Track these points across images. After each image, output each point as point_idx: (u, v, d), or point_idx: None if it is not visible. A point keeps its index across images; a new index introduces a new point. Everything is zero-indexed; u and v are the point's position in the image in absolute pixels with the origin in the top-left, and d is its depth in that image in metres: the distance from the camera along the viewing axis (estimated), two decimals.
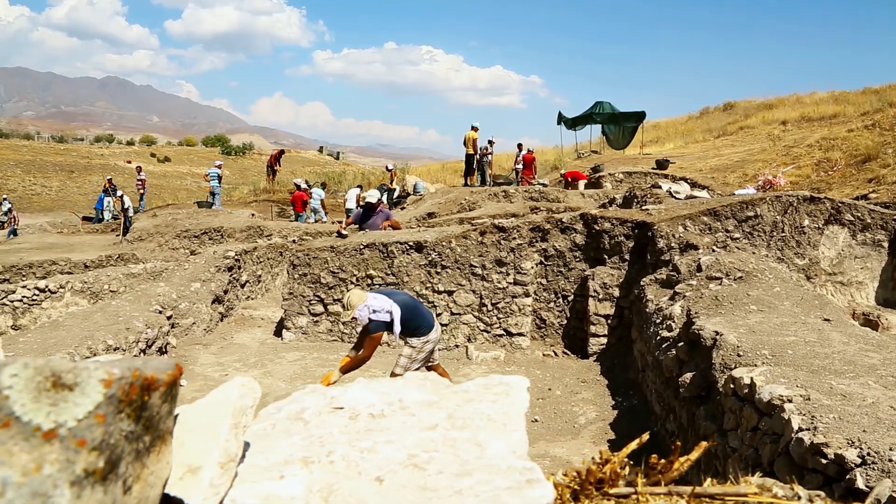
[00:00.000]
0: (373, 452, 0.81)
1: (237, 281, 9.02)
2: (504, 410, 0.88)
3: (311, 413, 0.98)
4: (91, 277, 9.49)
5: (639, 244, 7.39)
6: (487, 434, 0.83)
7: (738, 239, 7.10)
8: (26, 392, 0.62)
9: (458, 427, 0.85)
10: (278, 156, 23.64)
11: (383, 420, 0.90)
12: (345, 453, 0.82)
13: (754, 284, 5.72)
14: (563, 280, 7.66)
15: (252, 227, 15.44)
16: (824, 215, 7.35)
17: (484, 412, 0.87)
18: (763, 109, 27.31)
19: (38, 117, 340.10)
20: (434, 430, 0.85)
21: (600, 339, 7.34)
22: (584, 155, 25.10)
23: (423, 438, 0.83)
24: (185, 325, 7.45)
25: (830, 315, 4.95)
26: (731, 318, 4.85)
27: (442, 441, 0.82)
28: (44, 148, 51.77)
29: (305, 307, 7.66)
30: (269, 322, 8.47)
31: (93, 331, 5.90)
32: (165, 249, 15.41)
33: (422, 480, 0.74)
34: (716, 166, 18.36)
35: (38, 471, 0.60)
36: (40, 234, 20.27)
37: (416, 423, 0.87)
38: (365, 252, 7.54)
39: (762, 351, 4.03)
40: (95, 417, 0.64)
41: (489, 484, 0.72)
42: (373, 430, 0.87)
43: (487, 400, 0.90)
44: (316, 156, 63.94)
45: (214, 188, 19.23)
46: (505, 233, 7.50)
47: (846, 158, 15.20)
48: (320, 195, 17.39)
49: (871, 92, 24.58)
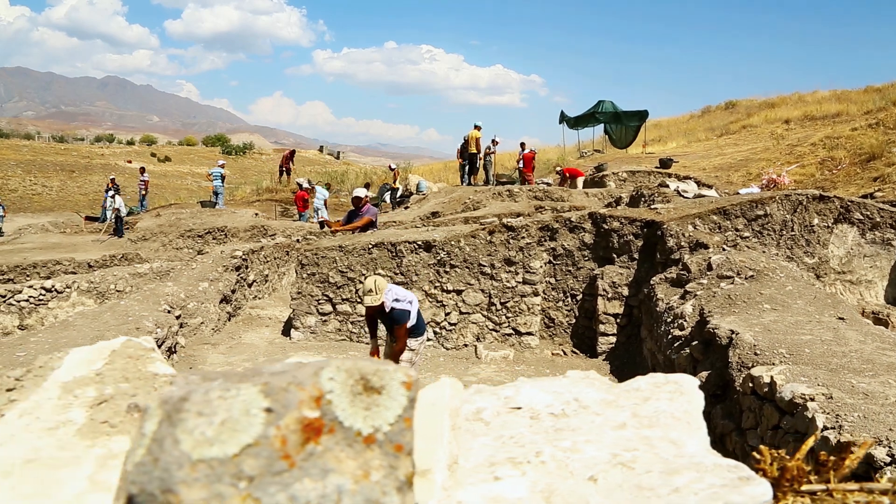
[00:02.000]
0: (576, 452, 0.80)
1: (244, 280, 9.01)
2: (683, 409, 0.87)
3: (489, 413, 0.97)
4: (97, 277, 9.47)
5: (648, 243, 7.38)
6: (678, 432, 0.82)
7: (747, 238, 7.09)
8: (344, 396, 0.62)
9: (646, 426, 0.84)
10: (290, 156, 23.63)
11: (567, 419, 0.89)
12: (552, 453, 0.81)
13: (766, 283, 5.71)
14: (571, 279, 7.65)
15: (256, 227, 15.43)
16: (833, 214, 7.33)
17: (665, 410, 0.87)
18: (765, 108, 27.29)
19: (38, 117, 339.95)
20: (624, 428, 0.84)
21: (609, 339, 7.33)
22: (587, 154, 25.07)
23: (619, 437, 0.82)
24: (194, 325, 7.43)
25: (844, 314, 4.93)
26: (746, 317, 4.84)
27: (638, 440, 0.81)
28: (44, 148, 51.72)
29: (314, 306, 7.65)
30: (276, 322, 8.46)
31: (103, 330, 5.88)
32: (169, 249, 15.40)
33: (635, 479, 0.73)
34: (719, 165, 18.34)
35: (366, 477, 0.59)
36: (43, 234, 20.24)
37: (605, 422, 0.86)
38: (373, 251, 7.53)
39: (779, 350, 4.02)
40: (405, 421, 0.64)
41: (702, 482, 0.71)
42: (563, 430, 0.86)
43: (664, 398, 0.90)
44: (316, 155, 63.91)
45: (217, 188, 19.28)
46: (514, 232, 7.49)
47: (850, 157, 15.18)
48: (324, 195, 17.38)
49: (873, 90, 24.57)
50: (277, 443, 0.57)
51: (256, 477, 0.55)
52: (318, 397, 0.60)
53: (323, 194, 17.39)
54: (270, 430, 0.57)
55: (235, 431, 0.56)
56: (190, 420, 0.56)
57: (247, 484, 0.55)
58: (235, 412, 0.57)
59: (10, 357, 5.05)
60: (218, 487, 0.54)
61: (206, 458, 0.55)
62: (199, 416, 0.56)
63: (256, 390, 0.58)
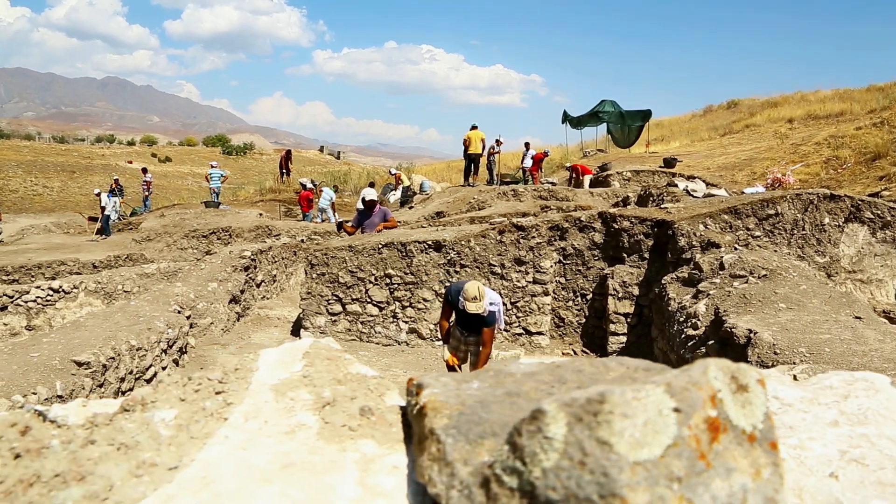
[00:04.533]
0: (805, 449, 0.81)
1: (253, 281, 8.99)
2: (885, 406, 0.87)
3: None
4: (105, 278, 9.46)
5: (658, 243, 7.36)
6: (891, 430, 0.82)
7: (758, 237, 7.08)
8: (728, 394, 0.62)
9: (857, 423, 0.84)
10: (287, 156, 23.68)
11: (778, 417, 0.89)
12: (785, 451, 0.82)
13: (780, 282, 5.70)
14: (581, 279, 7.64)
15: (260, 227, 15.41)
16: (844, 213, 7.32)
17: (870, 407, 0.86)
18: (768, 107, 27.29)
19: (38, 118, 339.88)
20: (838, 426, 0.84)
21: (620, 338, 7.32)
22: (591, 154, 25.06)
23: (839, 435, 0.83)
24: (203, 325, 7.42)
25: (861, 312, 4.92)
26: (762, 316, 4.83)
27: (857, 437, 0.81)
28: (45, 148, 51.72)
29: (324, 307, 7.64)
30: (285, 322, 8.44)
31: (115, 331, 5.87)
32: (174, 249, 15.38)
33: (873, 476, 0.74)
34: (723, 164, 18.34)
35: (759, 475, 0.60)
36: (46, 235, 20.23)
37: (816, 420, 0.86)
38: (383, 251, 7.51)
39: (799, 349, 4.01)
40: (769, 419, 0.65)
41: None
42: (780, 427, 0.86)
43: (861, 396, 0.90)
44: (317, 155, 63.95)
45: (216, 188, 19.50)
46: (524, 231, 7.48)
47: (856, 156, 15.17)
48: (331, 196, 17.30)
49: (875, 89, 24.57)
50: (693, 443, 0.57)
51: (684, 478, 0.56)
52: (713, 396, 0.61)
53: (329, 195, 17.35)
54: (684, 430, 0.57)
55: (656, 433, 0.56)
56: (616, 422, 0.56)
57: (678, 485, 0.55)
58: (651, 413, 0.57)
59: (24, 358, 5.04)
60: (657, 490, 0.54)
61: (640, 460, 0.55)
62: (624, 418, 0.56)
63: (661, 391, 0.59)
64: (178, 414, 0.88)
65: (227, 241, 15.05)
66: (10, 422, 0.86)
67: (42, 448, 0.81)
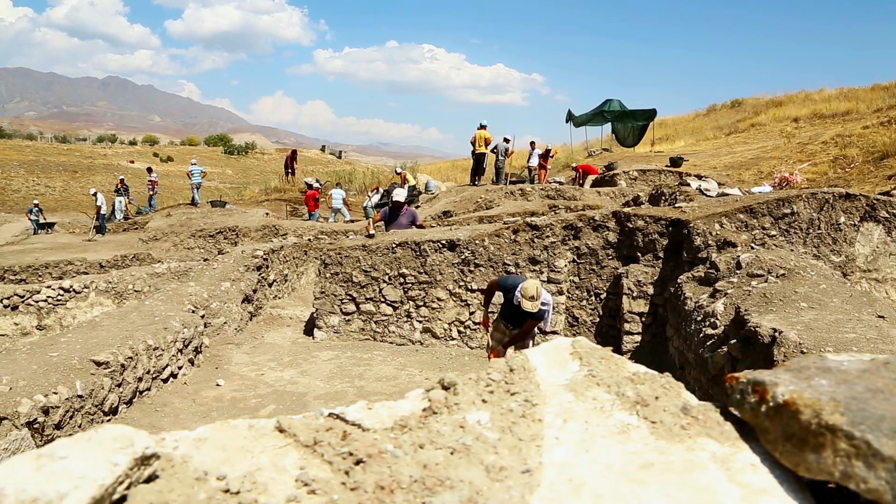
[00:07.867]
0: None
1: (265, 280, 8.98)
2: None
3: None
4: (115, 277, 9.44)
5: (672, 242, 7.34)
6: None
7: (774, 236, 7.06)
8: None
9: None
10: (293, 156, 23.84)
11: None
12: None
13: (799, 282, 5.67)
14: (595, 278, 7.62)
15: (267, 227, 15.40)
16: (860, 212, 7.30)
17: None
18: (772, 107, 27.22)
19: (39, 117, 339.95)
20: None
21: (634, 338, 7.30)
22: (596, 153, 25.03)
23: None
24: (217, 325, 7.41)
25: (883, 312, 4.90)
26: (785, 315, 4.81)
27: None
28: (47, 148, 51.73)
29: (337, 306, 7.62)
30: (297, 321, 8.43)
31: (132, 331, 5.86)
32: (181, 249, 15.37)
33: None
34: (730, 164, 18.30)
35: None
36: (52, 234, 20.22)
37: None
38: (397, 251, 7.50)
39: (826, 348, 3.98)
40: None
41: None
42: None
43: None
44: (318, 155, 63.93)
45: (197, 184, 19.81)
46: (538, 231, 7.46)
47: (863, 155, 15.13)
48: (341, 195, 17.40)
49: (880, 88, 24.52)
50: None
51: None
52: None
53: (340, 194, 17.40)
54: None
55: None
56: None
57: None
58: None
59: (43, 357, 5.03)
60: None
61: None
62: None
63: None
64: (491, 416, 0.85)
65: (234, 241, 15.04)
66: (324, 426, 0.82)
67: (381, 453, 0.77)
